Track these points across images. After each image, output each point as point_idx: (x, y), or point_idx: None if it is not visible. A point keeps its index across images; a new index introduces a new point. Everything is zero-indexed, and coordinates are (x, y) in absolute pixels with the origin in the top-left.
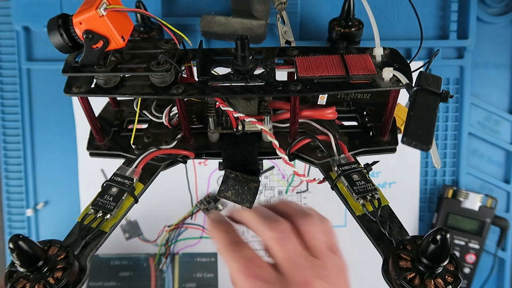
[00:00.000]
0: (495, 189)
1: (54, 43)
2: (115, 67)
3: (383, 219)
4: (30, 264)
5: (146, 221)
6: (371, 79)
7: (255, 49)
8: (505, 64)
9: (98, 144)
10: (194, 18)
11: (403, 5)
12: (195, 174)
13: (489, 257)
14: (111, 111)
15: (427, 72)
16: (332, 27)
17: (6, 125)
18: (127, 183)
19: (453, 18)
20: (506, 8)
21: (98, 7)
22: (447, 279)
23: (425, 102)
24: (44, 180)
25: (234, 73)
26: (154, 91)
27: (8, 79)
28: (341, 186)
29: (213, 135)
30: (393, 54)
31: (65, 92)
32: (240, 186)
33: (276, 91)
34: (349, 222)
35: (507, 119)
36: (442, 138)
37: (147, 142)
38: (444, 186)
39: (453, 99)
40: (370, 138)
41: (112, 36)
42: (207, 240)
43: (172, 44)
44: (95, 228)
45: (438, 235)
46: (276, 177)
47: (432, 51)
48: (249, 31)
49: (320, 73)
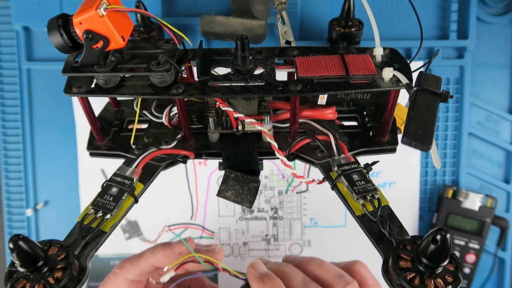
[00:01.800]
0: (495, 189)
1: (54, 43)
2: (115, 67)
3: (383, 219)
4: (30, 264)
5: (146, 221)
6: (371, 79)
7: (255, 49)
8: (505, 64)
9: (98, 144)
10: (194, 18)
11: (403, 5)
12: (195, 174)
13: (489, 257)
14: (111, 111)
15: (427, 72)
16: (332, 27)
17: (6, 125)
18: (127, 183)
19: (453, 18)
20: (506, 8)
21: (98, 7)
22: (447, 279)
23: (425, 102)
24: (44, 180)
25: (234, 73)
26: (154, 91)
27: (8, 79)
28: (341, 186)
29: (213, 135)
30: (393, 54)
31: (65, 92)
32: (240, 186)
33: (276, 91)
34: (349, 222)
35: (507, 119)
36: (442, 138)
37: (147, 142)
38: (444, 186)
39: (453, 99)
40: (370, 138)
41: (112, 36)
42: (207, 240)
43: (172, 44)
44: (95, 228)
45: (438, 235)
46: (276, 177)
47: (432, 51)
48: (249, 31)
49: (320, 73)
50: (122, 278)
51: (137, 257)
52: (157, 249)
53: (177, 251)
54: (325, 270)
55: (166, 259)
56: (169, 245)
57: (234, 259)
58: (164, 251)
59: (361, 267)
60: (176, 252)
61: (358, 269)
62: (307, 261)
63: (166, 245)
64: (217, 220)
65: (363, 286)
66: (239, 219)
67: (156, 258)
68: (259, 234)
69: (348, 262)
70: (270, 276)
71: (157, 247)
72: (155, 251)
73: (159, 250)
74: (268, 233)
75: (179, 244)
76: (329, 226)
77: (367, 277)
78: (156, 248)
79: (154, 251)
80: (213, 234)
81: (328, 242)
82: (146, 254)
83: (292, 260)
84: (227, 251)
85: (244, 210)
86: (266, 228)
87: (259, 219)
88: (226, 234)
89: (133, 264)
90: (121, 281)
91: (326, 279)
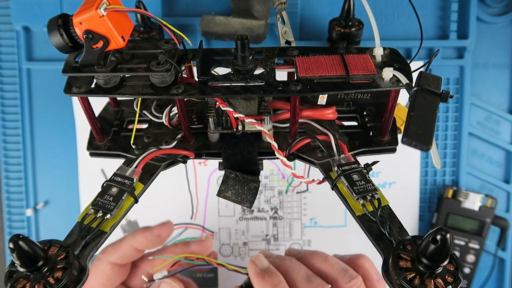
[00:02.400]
0: (495, 189)
1: (54, 43)
2: (115, 67)
3: (383, 219)
4: (30, 264)
5: (146, 221)
6: (371, 79)
7: (255, 49)
8: (505, 64)
9: (98, 144)
10: (194, 18)
11: (403, 5)
12: (195, 174)
13: (489, 257)
14: (111, 111)
15: (427, 72)
16: (332, 27)
17: (6, 125)
18: (127, 183)
19: (453, 18)
20: (506, 8)
21: (98, 7)
22: (447, 279)
23: (425, 102)
24: (44, 180)
25: (234, 73)
26: (154, 91)
27: (8, 79)
28: (341, 186)
29: (213, 135)
30: (393, 54)
31: (65, 92)
32: (240, 186)
33: (276, 91)
34: (349, 222)
35: (507, 119)
36: (442, 138)
37: (147, 142)
38: (444, 186)
39: (453, 99)
40: (370, 138)
41: (112, 36)
42: None
43: (172, 44)
44: (95, 228)
45: (438, 235)
46: (276, 177)
47: (432, 51)
48: (249, 31)
49: (320, 73)
50: (105, 261)
51: (118, 241)
52: (137, 232)
53: (155, 233)
54: (329, 265)
55: (145, 241)
56: (148, 228)
57: (234, 259)
58: (143, 233)
59: (366, 261)
60: (155, 234)
61: (362, 264)
62: (311, 254)
63: (145, 228)
64: (217, 220)
65: (367, 281)
66: (239, 219)
67: (136, 240)
68: (259, 234)
69: (353, 255)
70: (271, 271)
71: (137, 231)
72: (135, 234)
73: (139, 233)
74: (268, 233)
75: (158, 227)
76: (329, 226)
77: (371, 272)
78: (136, 231)
79: (134, 234)
80: (213, 234)
81: (328, 242)
82: (126, 237)
83: (295, 253)
84: (227, 251)
85: (244, 210)
86: (266, 228)
87: (259, 219)
88: (226, 234)
89: (115, 248)
90: (105, 265)
91: (330, 273)
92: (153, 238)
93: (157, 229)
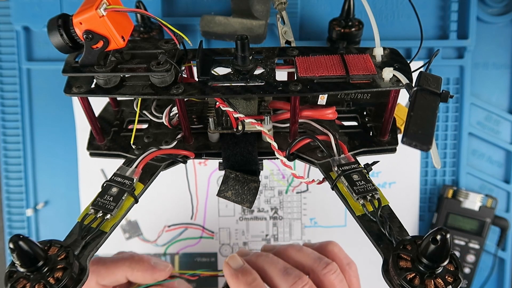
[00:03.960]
0: (495, 189)
1: (54, 43)
2: (115, 67)
3: (383, 219)
4: (30, 264)
5: (146, 221)
6: (371, 79)
7: (255, 49)
8: (505, 64)
9: (98, 144)
10: (194, 18)
11: (403, 5)
12: (195, 174)
13: (489, 257)
14: (111, 111)
15: (427, 72)
16: (332, 27)
17: (6, 125)
18: (127, 183)
19: (453, 18)
20: (506, 8)
21: (98, 7)
22: (447, 279)
23: (425, 102)
24: (44, 180)
25: (234, 73)
26: (154, 91)
27: (8, 79)
28: (341, 186)
29: (213, 135)
30: (393, 54)
31: (65, 92)
32: (240, 186)
33: (276, 91)
34: (349, 222)
35: (507, 119)
36: (442, 138)
37: (147, 142)
38: (444, 186)
39: (453, 99)
40: (370, 138)
41: (112, 36)
42: (207, 240)
43: (172, 44)
44: (95, 228)
45: (438, 235)
46: (276, 177)
47: (432, 51)
48: (249, 31)
49: (320, 73)
50: (94, 281)
51: (113, 265)
52: (137, 267)
53: (155, 277)
54: (304, 255)
55: (141, 279)
56: (150, 268)
57: None
58: (143, 272)
59: (335, 247)
60: (154, 277)
61: (332, 250)
62: (286, 247)
63: (148, 267)
64: (217, 220)
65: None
66: (239, 219)
67: (133, 274)
68: (259, 234)
69: (322, 242)
70: (245, 270)
71: (137, 266)
72: (133, 266)
73: (138, 270)
74: (268, 233)
75: (159, 271)
76: (329, 226)
77: (341, 257)
78: (136, 265)
79: (132, 265)
80: (213, 234)
81: None
82: (124, 266)
83: (270, 248)
84: (227, 251)
85: (244, 210)
86: (266, 228)
87: (259, 219)
88: (226, 234)
89: (108, 271)
90: (94, 284)
91: (306, 263)
92: (150, 278)
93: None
